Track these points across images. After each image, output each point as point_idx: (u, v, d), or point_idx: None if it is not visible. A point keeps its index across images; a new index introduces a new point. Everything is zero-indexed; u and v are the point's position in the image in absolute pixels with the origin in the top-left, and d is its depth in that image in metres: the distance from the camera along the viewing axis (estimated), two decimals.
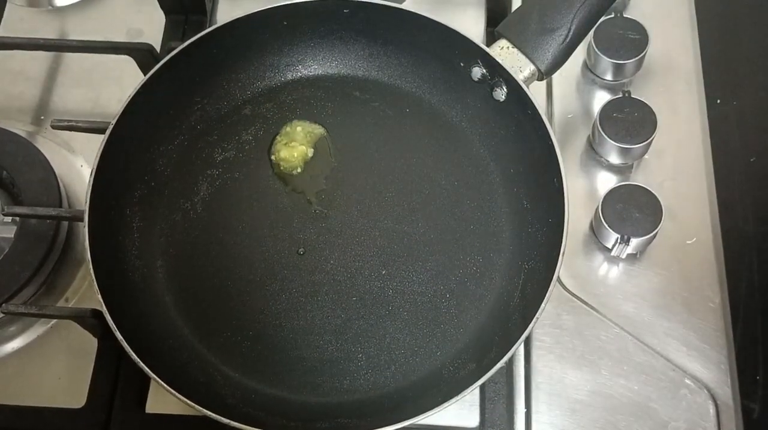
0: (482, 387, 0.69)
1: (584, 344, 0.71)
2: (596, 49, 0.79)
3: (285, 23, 0.75)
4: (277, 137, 0.76)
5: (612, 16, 0.80)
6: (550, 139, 0.66)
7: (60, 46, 0.84)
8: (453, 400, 0.59)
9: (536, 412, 0.69)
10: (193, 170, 0.75)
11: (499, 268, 0.71)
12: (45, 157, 0.76)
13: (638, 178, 0.77)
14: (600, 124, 0.75)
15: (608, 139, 0.75)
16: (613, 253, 0.73)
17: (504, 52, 0.69)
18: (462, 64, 0.73)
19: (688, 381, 0.69)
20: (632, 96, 0.76)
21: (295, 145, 0.75)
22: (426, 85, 0.78)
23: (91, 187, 0.65)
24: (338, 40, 0.78)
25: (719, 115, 0.80)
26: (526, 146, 0.71)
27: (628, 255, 0.74)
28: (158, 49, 0.83)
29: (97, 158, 0.66)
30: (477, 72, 0.72)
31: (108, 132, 0.67)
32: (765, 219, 0.74)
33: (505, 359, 0.61)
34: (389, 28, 0.75)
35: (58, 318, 0.72)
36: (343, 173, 0.76)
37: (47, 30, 0.88)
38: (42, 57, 0.86)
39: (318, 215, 0.74)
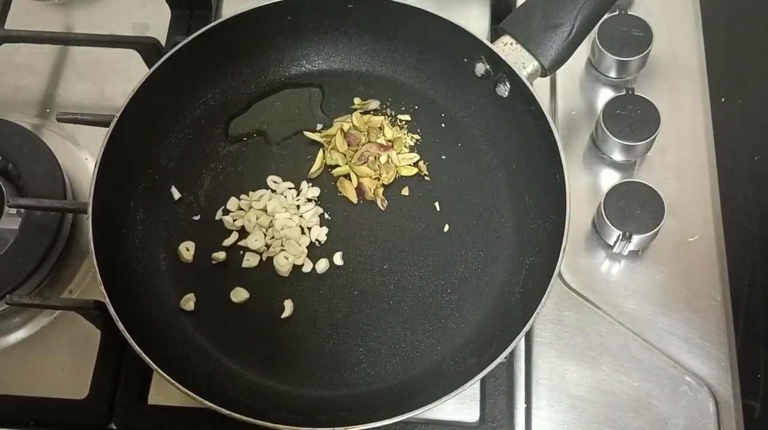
0: (482, 382, 0.69)
1: (585, 341, 0.71)
2: (600, 47, 0.79)
3: (289, 18, 0.76)
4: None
5: (616, 13, 0.80)
6: (553, 136, 0.66)
7: (66, 40, 0.84)
8: (453, 394, 0.59)
9: (536, 407, 0.69)
10: (196, 164, 0.76)
11: (500, 263, 0.71)
12: (50, 149, 0.77)
13: (641, 176, 0.77)
14: (603, 121, 0.75)
15: (611, 136, 0.75)
16: (615, 250, 0.73)
17: (508, 48, 0.70)
18: (466, 60, 0.73)
19: (688, 378, 0.69)
20: (636, 93, 0.76)
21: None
22: (429, 81, 0.78)
23: (95, 180, 0.66)
24: (342, 36, 0.78)
25: (723, 113, 0.80)
26: (529, 142, 0.71)
27: (630, 252, 0.74)
28: (163, 43, 0.83)
29: (101, 151, 0.67)
30: (481, 68, 0.73)
31: (112, 125, 0.68)
32: (767, 217, 0.74)
33: (506, 353, 0.61)
34: (393, 24, 0.76)
35: (62, 309, 0.72)
36: None
37: (53, 23, 0.88)
38: (48, 50, 0.86)
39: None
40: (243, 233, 0.73)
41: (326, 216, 0.74)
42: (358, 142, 0.76)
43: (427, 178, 0.76)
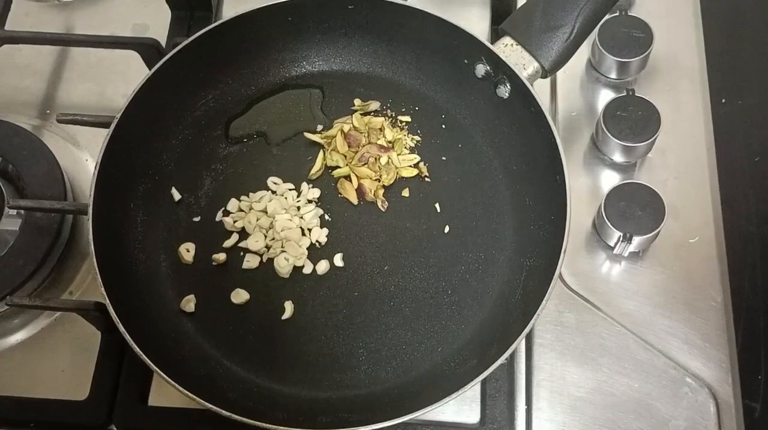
0: (483, 383, 0.69)
1: (585, 342, 0.71)
2: (601, 47, 0.79)
3: (289, 19, 0.76)
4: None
5: (617, 14, 0.80)
6: (554, 137, 0.66)
7: (66, 41, 0.84)
8: (454, 395, 0.59)
9: (537, 409, 0.69)
10: (197, 165, 0.76)
11: (500, 264, 0.71)
12: (50, 150, 0.77)
13: (641, 177, 0.77)
14: (604, 123, 0.75)
15: (612, 137, 0.75)
16: (615, 251, 0.73)
17: (508, 50, 0.70)
18: (466, 61, 0.73)
19: (689, 379, 0.69)
20: (636, 94, 0.76)
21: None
22: (430, 82, 0.78)
23: (95, 181, 0.66)
24: (342, 37, 0.78)
25: (724, 114, 0.80)
26: (530, 144, 0.71)
27: (631, 253, 0.74)
28: (164, 44, 0.83)
29: (102, 152, 0.67)
30: (481, 69, 0.73)
31: (112, 126, 0.68)
32: None
33: (506, 355, 0.61)
34: (393, 25, 0.76)
35: (62, 311, 0.72)
36: None
37: (53, 24, 0.88)
38: (48, 51, 0.86)
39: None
40: (243, 234, 0.73)
41: (326, 217, 0.74)
42: (359, 144, 0.76)
43: (427, 179, 0.75)
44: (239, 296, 0.70)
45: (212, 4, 0.87)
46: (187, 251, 0.72)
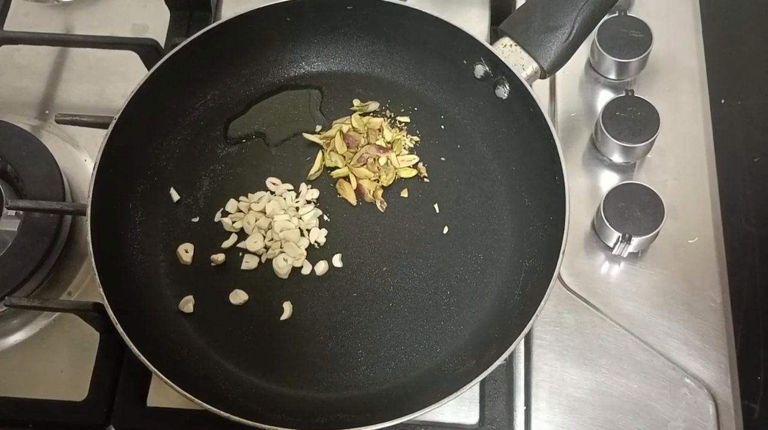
0: (482, 384, 0.69)
1: (584, 343, 0.71)
2: (600, 48, 0.79)
3: (288, 19, 0.76)
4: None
5: (616, 14, 0.80)
6: (553, 138, 0.66)
7: (65, 41, 0.84)
8: (452, 396, 0.59)
9: (536, 409, 0.69)
10: (195, 165, 0.76)
11: (499, 265, 0.71)
12: (49, 151, 0.77)
13: (641, 177, 0.77)
14: (603, 123, 0.75)
15: (611, 137, 0.75)
16: (614, 251, 0.73)
17: (507, 50, 0.70)
18: (465, 62, 0.73)
19: (688, 380, 0.69)
20: (635, 95, 0.76)
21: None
22: (429, 83, 0.78)
23: (93, 182, 0.66)
24: (341, 37, 0.78)
25: (723, 114, 0.80)
26: (529, 144, 0.71)
27: (630, 254, 0.74)
28: (163, 44, 0.83)
29: (100, 153, 0.67)
30: (480, 70, 0.73)
31: (111, 127, 0.68)
32: (767, 219, 0.73)
33: (505, 355, 0.61)
34: (392, 25, 0.76)
35: (61, 311, 0.72)
36: None
37: (52, 25, 0.88)
38: (47, 52, 0.86)
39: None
40: (242, 234, 0.73)
41: (325, 218, 0.74)
42: (358, 144, 0.76)
43: (426, 180, 0.75)
44: (238, 296, 0.70)
45: (211, 4, 0.87)
46: (186, 252, 0.72)
